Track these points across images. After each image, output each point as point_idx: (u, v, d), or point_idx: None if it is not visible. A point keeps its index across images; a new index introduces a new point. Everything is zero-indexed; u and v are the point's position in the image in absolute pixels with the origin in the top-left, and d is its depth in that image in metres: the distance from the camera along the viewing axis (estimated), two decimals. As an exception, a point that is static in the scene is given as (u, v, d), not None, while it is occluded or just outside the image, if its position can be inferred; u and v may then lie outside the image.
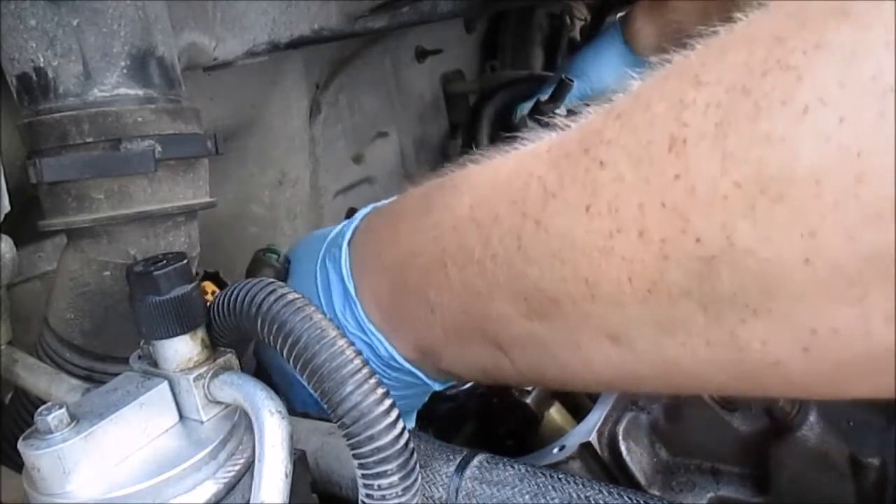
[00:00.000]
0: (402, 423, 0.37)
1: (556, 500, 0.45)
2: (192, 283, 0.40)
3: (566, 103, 1.04)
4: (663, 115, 0.32)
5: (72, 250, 0.48)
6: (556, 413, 0.82)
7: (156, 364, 0.41)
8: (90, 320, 0.49)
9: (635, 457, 0.66)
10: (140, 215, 0.46)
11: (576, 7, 1.56)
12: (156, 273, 0.38)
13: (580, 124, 0.39)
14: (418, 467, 0.38)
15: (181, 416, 0.40)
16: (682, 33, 0.32)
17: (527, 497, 0.46)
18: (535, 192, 0.38)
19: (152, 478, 0.36)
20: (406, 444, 0.37)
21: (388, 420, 0.36)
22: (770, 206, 0.28)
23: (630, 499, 0.44)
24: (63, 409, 0.35)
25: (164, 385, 0.39)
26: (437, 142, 1.32)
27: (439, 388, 0.55)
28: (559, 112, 0.97)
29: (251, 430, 0.38)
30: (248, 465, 0.39)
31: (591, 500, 0.44)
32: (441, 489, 0.48)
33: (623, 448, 0.65)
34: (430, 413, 0.76)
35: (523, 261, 0.39)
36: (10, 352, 0.49)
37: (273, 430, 0.36)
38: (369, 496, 0.37)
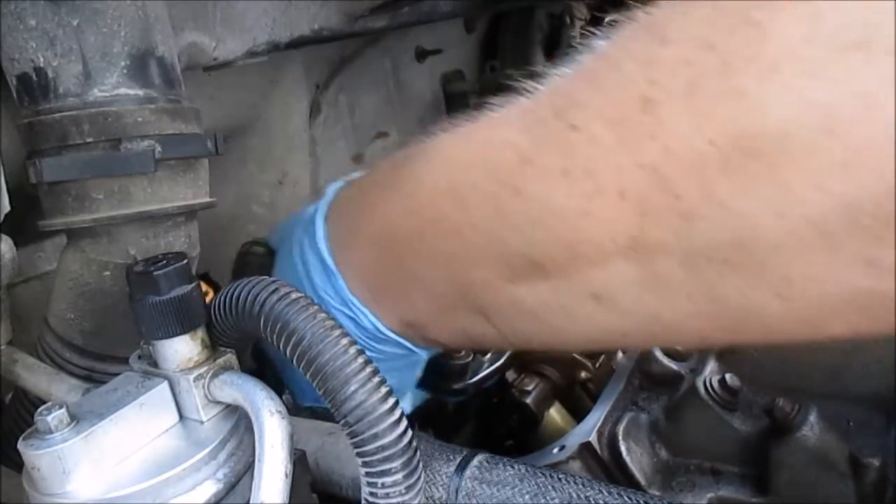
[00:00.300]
0: (405, 422, 0.37)
1: (556, 500, 0.45)
2: (192, 284, 0.40)
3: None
4: (633, 75, 0.32)
5: (72, 250, 0.48)
6: (556, 413, 0.82)
7: (156, 364, 0.41)
8: (90, 320, 0.49)
9: (635, 457, 0.66)
10: (140, 215, 0.46)
11: (576, 7, 1.55)
12: (156, 273, 0.38)
13: (549, 87, 0.39)
14: (421, 466, 0.38)
15: (181, 416, 0.40)
16: None
17: (527, 497, 0.46)
18: (509, 159, 0.38)
19: (152, 478, 0.36)
20: (409, 443, 0.37)
21: (391, 418, 0.36)
22: (744, 162, 0.29)
23: (630, 499, 0.44)
24: (63, 409, 0.35)
25: (164, 385, 0.40)
26: (437, 142, 1.31)
27: (426, 356, 0.54)
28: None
29: (251, 430, 0.38)
30: (248, 465, 0.40)
31: (591, 500, 0.44)
32: (441, 489, 0.48)
33: (623, 448, 0.65)
34: (435, 408, 0.76)
35: (503, 228, 0.39)
36: (10, 352, 0.49)
37: (273, 430, 0.36)
38: (373, 494, 0.37)
